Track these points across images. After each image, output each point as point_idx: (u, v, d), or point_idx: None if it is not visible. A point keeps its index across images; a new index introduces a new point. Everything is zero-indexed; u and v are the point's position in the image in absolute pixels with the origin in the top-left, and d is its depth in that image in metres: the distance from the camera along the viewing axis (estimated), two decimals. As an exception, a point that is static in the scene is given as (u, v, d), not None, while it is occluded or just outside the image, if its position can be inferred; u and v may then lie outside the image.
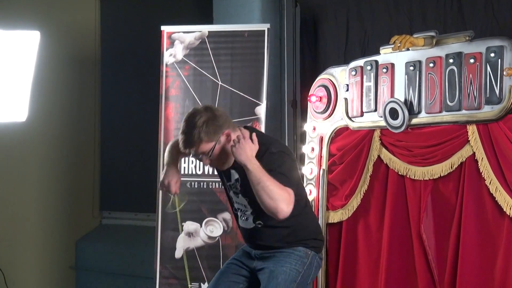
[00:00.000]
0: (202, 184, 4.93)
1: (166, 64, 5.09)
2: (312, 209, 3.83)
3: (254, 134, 3.27)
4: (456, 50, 3.76)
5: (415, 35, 3.92)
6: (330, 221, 4.45)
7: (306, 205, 3.49)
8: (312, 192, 4.50)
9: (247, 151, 3.14)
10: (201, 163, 3.70)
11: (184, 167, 4.94)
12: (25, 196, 6.57)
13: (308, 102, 4.56)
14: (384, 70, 4.10)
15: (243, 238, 3.60)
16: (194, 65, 5.03)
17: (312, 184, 4.52)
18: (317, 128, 4.51)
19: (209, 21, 5.87)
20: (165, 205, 5.04)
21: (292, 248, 3.38)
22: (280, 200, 3.07)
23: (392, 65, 4.07)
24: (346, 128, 4.37)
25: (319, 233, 3.54)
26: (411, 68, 3.95)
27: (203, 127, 3.21)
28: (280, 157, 3.26)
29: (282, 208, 3.08)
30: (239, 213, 3.49)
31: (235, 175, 3.37)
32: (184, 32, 5.09)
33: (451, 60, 3.77)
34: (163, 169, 3.64)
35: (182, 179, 4.36)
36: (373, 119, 4.18)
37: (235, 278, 3.53)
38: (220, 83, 4.97)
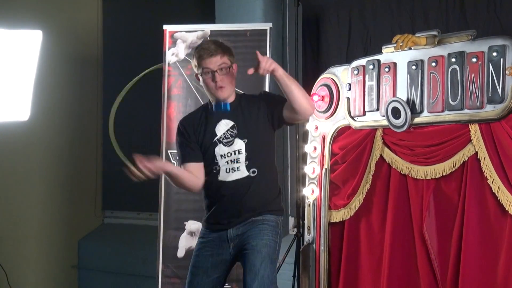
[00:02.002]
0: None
1: (168, 63, 5.09)
2: None
3: None
4: (458, 49, 3.76)
5: (417, 34, 3.92)
6: (332, 221, 4.45)
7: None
8: (314, 191, 4.50)
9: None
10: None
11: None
12: (27, 195, 6.58)
13: (310, 101, 4.55)
14: (386, 69, 4.09)
15: (212, 219, 3.57)
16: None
17: (314, 183, 4.52)
18: (319, 127, 4.51)
19: (211, 20, 5.87)
20: (166, 205, 5.04)
21: (264, 220, 3.49)
22: (307, 96, 3.47)
23: (394, 64, 4.07)
24: (348, 127, 4.37)
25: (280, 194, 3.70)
26: (413, 67, 3.95)
27: (227, 47, 3.58)
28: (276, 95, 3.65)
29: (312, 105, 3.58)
30: (226, 167, 3.50)
31: (227, 123, 3.51)
32: (186, 32, 5.09)
33: (453, 59, 3.77)
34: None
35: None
36: (375, 118, 4.18)
37: (216, 272, 3.57)
38: (222, 82, 4.96)
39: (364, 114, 4.24)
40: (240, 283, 4.56)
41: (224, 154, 3.51)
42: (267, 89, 4.88)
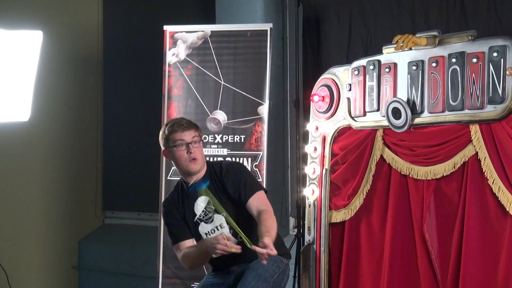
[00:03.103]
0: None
1: (169, 64, 5.10)
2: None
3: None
4: (458, 50, 3.76)
5: (417, 35, 3.92)
6: (332, 221, 4.44)
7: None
8: (314, 192, 4.50)
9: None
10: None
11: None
12: (27, 195, 6.58)
13: (311, 102, 4.55)
14: (387, 70, 4.09)
15: (218, 263, 3.61)
16: (196, 64, 5.04)
17: (314, 183, 4.52)
18: (320, 128, 4.51)
19: (211, 20, 5.87)
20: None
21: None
22: (274, 220, 3.49)
23: (395, 64, 4.07)
24: (348, 128, 4.37)
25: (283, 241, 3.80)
26: (414, 67, 3.95)
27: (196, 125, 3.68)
28: (239, 171, 3.63)
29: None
30: None
31: (205, 199, 3.54)
32: (186, 32, 5.10)
33: (453, 60, 3.77)
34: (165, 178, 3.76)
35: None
36: (375, 119, 4.18)
37: None
38: (222, 82, 4.97)
39: (364, 115, 4.24)
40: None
41: (208, 232, 3.57)
42: (267, 90, 4.89)
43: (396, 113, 4.00)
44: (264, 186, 4.77)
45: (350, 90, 4.32)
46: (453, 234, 3.84)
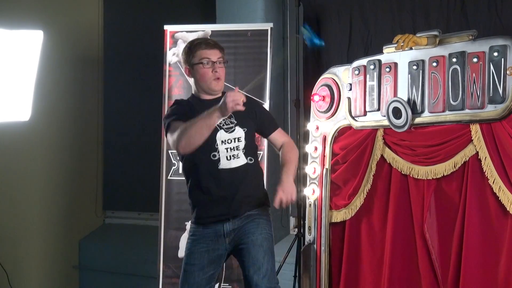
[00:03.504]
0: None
1: (169, 64, 5.10)
2: None
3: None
4: (459, 49, 3.76)
5: (418, 35, 3.92)
6: (333, 221, 4.45)
7: None
8: (315, 192, 4.50)
9: (291, 185, 3.51)
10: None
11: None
12: (28, 195, 6.58)
13: (311, 101, 4.56)
14: (387, 70, 4.09)
15: (216, 190, 3.53)
16: (197, 64, 5.03)
17: (315, 183, 4.52)
18: (320, 128, 4.51)
19: (212, 20, 5.87)
20: (167, 205, 5.03)
21: (259, 214, 3.55)
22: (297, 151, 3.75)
23: (395, 64, 4.07)
24: (349, 127, 4.37)
25: None
26: (414, 67, 3.95)
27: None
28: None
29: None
30: (226, 153, 3.51)
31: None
32: (187, 32, 5.10)
33: (454, 59, 3.77)
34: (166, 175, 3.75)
35: (184, 178, 4.39)
36: (376, 119, 4.18)
37: (212, 268, 3.57)
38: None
39: (365, 114, 4.24)
40: (240, 282, 4.57)
41: (225, 141, 3.52)
42: (268, 89, 4.89)
43: (397, 112, 4.00)
44: (265, 186, 4.79)
45: (350, 89, 4.32)
46: (453, 234, 3.84)
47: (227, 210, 3.52)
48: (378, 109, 4.16)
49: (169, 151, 5.00)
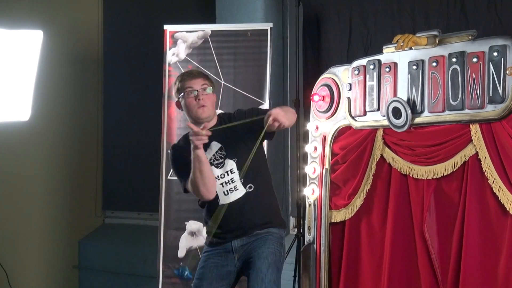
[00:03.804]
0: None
1: (169, 63, 5.10)
2: None
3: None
4: (459, 49, 3.76)
5: (418, 34, 3.92)
6: (333, 221, 4.45)
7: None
8: (315, 192, 4.50)
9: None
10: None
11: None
12: (28, 195, 6.58)
13: (311, 101, 4.56)
14: (387, 69, 4.09)
15: (223, 223, 3.55)
16: (197, 64, 5.04)
17: (315, 183, 4.52)
18: (320, 127, 4.51)
19: (212, 20, 5.87)
20: (167, 205, 5.03)
21: (268, 232, 3.56)
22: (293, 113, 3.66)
23: (395, 64, 4.07)
24: (349, 127, 4.37)
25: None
26: (414, 67, 3.95)
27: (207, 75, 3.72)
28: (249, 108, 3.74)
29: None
30: (223, 189, 3.55)
31: (216, 145, 3.56)
32: (187, 32, 5.10)
33: (454, 59, 3.77)
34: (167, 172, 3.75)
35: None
36: (376, 118, 4.18)
37: (221, 284, 3.60)
38: (223, 82, 4.97)
39: (364, 114, 4.24)
40: (240, 283, 4.57)
41: (218, 176, 3.55)
42: (267, 89, 4.89)
43: (396, 112, 4.00)
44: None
45: (350, 89, 4.32)
46: (453, 234, 3.84)
47: (235, 233, 3.58)
48: (378, 109, 4.15)
49: (169, 151, 4.99)
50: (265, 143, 4.88)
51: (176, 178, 4.89)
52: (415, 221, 4.04)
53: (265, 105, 4.87)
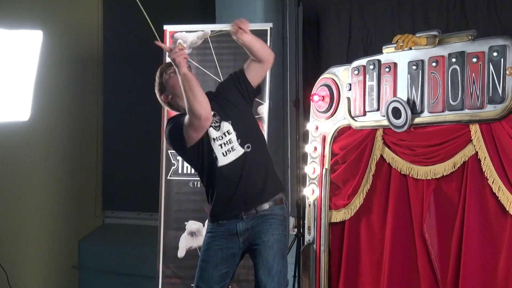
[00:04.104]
0: (204, 183, 4.93)
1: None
2: None
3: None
4: (458, 50, 3.76)
5: (417, 35, 3.92)
6: (332, 221, 4.45)
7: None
8: (314, 192, 4.50)
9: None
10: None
11: (186, 167, 4.94)
12: (27, 195, 6.58)
13: (311, 101, 4.56)
14: (387, 70, 4.09)
15: (224, 190, 3.57)
16: (196, 64, 5.03)
17: (314, 183, 4.52)
18: (320, 127, 4.51)
19: (211, 20, 5.87)
20: (167, 205, 5.03)
21: (272, 214, 3.55)
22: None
23: (395, 64, 4.07)
24: (348, 127, 4.37)
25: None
26: (414, 67, 3.95)
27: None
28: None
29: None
30: (221, 150, 3.56)
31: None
32: (186, 32, 5.10)
33: (453, 60, 3.77)
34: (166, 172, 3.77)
35: (184, 178, 4.42)
36: (375, 119, 4.18)
37: (226, 266, 3.60)
38: (223, 82, 4.97)
39: (364, 114, 4.24)
40: (240, 283, 4.57)
41: (216, 137, 3.57)
42: (267, 89, 4.89)
43: (396, 112, 4.00)
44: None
45: (350, 89, 4.32)
46: (453, 234, 3.84)
47: (237, 205, 3.56)
48: (378, 109, 4.16)
49: (169, 151, 5.00)
50: (265, 138, 4.91)
51: (175, 178, 4.92)
52: (415, 221, 4.04)
53: (265, 105, 4.87)
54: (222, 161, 3.56)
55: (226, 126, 3.57)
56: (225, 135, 3.57)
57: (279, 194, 3.62)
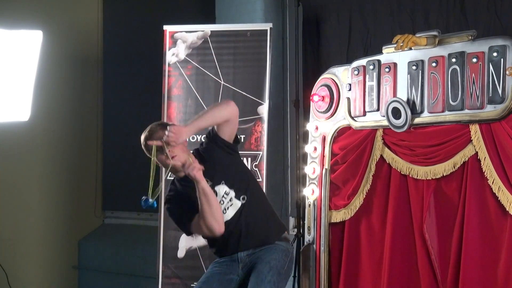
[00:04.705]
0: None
1: (169, 64, 5.09)
2: None
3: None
4: (458, 50, 3.76)
5: (417, 35, 3.92)
6: (332, 221, 4.45)
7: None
8: (314, 192, 4.50)
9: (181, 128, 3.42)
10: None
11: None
12: (27, 195, 6.58)
13: (311, 102, 4.56)
14: (387, 70, 4.09)
15: (222, 245, 3.59)
16: (196, 64, 5.04)
17: (314, 183, 4.52)
18: (320, 128, 4.51)
19: (211, 20, 5.87)
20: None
21: (276, 244, 3.55)
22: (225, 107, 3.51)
23: (395, 64, 4.07)
24: (348, 128, 4.37)
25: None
26: (414, 67, 3.95)
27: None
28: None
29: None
30: (222, 207, 3.53)
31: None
32: (186, 32, 5.10)
33: (453, 60, 3.77)
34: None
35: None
36: (375, 119, 4.18)
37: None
38: (222, 82, 4.97)
39: (364, 114, 4.24)
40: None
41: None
42: (267, 90, 4.89)
43: (396, 113, 4.00)
44: (264, 186, 4.78)
45: (350, 90, 4.32)
46: (453, 234, 3.84)
47: (238, 246, 3.58)
48: (378, 109, 4.15)
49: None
50: (264, 144, 4.91)
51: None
52: (415, 221, 4.04)
53: (265, 105, 4.87)
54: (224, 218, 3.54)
55: (222, 189, 3.54)
56: (225, 197, 3.54)
57: (283, 234, 3.64)
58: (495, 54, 3.59)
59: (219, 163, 3.56)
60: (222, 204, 3.51)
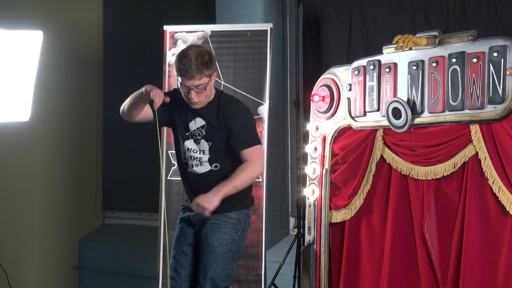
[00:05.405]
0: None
1: (169, 64, 5.09)
2: None
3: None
4: (459, 50, 3.76)
5: (418, 35, 3.92)
6: (333, 221, 4.44)
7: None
8: (314, 192, 4.50)
9: (211, 199, 3.53)
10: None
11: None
12: (27, 195, 6.58)
13: (311, 102, 4.56)
14: (387, 70, 4.09)
15: (187, 187, 3.79)
16: (196, 64, 5.03)
17: (314, 183, 4.52)
18: (320, 128, 4.51)
19: (211, 20, 5.87)
20: (167, 206, 5.03)
21: (226, 216, 3.69)
22: (253, 174, 3.66)
23: (395, 64, 4.07)
24: (349, 128, 4.37)
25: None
26: (414, 67, 3.95)
27: (208, 62, 3.58)
28: (242, 124, 3.70)
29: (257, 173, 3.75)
30: (191, 161, 3.72)
31: (201, 121, 3.68)
32: (186, 32, 5.09)
33: (454, 60, 3.77)
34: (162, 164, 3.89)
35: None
36: (376, 119, 4.18)
37: (188, 250, 3.82)
38: (223, 82, 4.97)
39: (364, 115, 4.24)
40: (240, 283, 4.58)
41: (191, 149, 3.71)
42: (267, 90, 4.88)
43: (396, 113, 4.00)
44: (264, 186, 4.77)
45: (350, 90, 4.32)
46: (453, 234, 3.84)
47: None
48: (378, 110, 4.15)
49: (169, 152, 5.00)
50: (264, 144, 4.91)
51: (175, 178, 4.93)
52: (415, 221, 4.04)
53: (265, 106, 4.87)
54: (190, 168, 3.74)
55: (204, 145, 3.69)
56: (199, 153, 3.70)
57: (240, 207, 3.75)
58: (495, 54, 3.59)
59: (218, 130, 3.66)
60: (194, 153, 3.69)
